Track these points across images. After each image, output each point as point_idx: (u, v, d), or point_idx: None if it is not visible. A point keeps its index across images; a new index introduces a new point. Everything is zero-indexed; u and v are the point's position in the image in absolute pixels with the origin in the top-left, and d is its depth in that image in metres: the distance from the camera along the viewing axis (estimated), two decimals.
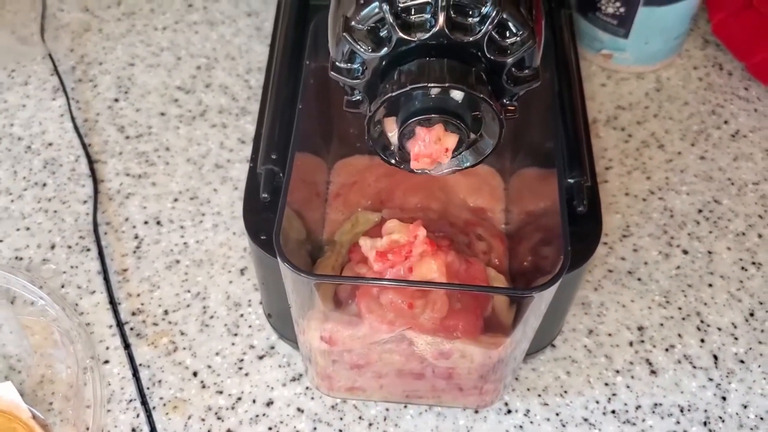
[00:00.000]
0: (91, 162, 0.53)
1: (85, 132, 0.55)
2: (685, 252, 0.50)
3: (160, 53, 0.60)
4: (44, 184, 0.52)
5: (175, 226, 0.50)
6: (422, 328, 0.36)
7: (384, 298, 0.36)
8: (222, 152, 0.54)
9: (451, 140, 0.31)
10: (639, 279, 0.48)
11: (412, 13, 0.29)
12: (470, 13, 0.29)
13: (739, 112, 0.57)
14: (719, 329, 0.47)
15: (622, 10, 0.55)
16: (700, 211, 0.52)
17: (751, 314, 0.47)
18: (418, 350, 0.37)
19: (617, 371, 0.45)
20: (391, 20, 0.29)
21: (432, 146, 0.31)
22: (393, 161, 0.33)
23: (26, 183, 0.53)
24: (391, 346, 0.38)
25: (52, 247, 0.49)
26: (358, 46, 0.30)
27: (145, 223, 0.51)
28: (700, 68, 0.60)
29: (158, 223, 0.51)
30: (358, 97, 0.32)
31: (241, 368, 0.45)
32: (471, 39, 0.29)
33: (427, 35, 0.29)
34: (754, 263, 0.49)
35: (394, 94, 0.29)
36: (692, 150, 0.55)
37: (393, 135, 0.31)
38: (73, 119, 0.55)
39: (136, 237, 0.50)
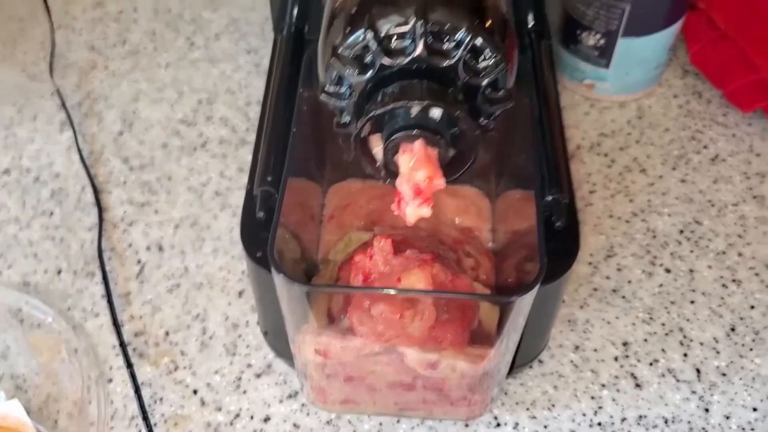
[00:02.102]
0: (96, 192, 0.55)
1: (91, 163, 0.58)
2: (668, 270, 0.52)
3: (163, 89, 0.63)
4: (51, 213, 0.55)
5: (176, 251, 0.53)
6: (411, 338, 0.38)
7: (375, 310, 0.38)
8: (222, 181, 0.56)
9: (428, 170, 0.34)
10: (623, 297, 0.50)
11: (394, 40, 0.32)
12: (446, 39, 0.31)
13: (718, 138, 0.59)
14: (701, 344, 0.48)
15: (602, 41, 0.57)
16: (681, 231, 0.54)
17: (732, 329, 0.49)
18: (408, 361, 0.39)
19: (603, 385, 0.46)
20: (375, 47, 0.31)
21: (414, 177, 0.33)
22: (378, 174, 0.35)
23: (34, 212, 0.55)
24: (383, 358, 0.40)
25: (59, 272, 0.52)
26: (346, 71, 0.32)
27: (148, 248, 0.53)
28: (679, 96, 0.62)
29: (160, 248, 0.53)
30: (346, 119, 0.34)
31: (239, 386, 0.46)
32: (447, 63, 0.31)
33: (408, 60, 0.31)
34: (734, 280, 0.51)
35: (378, 111, 0.31)
36: (673, 174, 0.57)
37: (378, 150, 0.34)
38: (79, 151, 0.58)
39: (139, 262, 0.52)
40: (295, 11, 0.50)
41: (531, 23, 0.50)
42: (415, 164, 0.33)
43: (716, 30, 0.60)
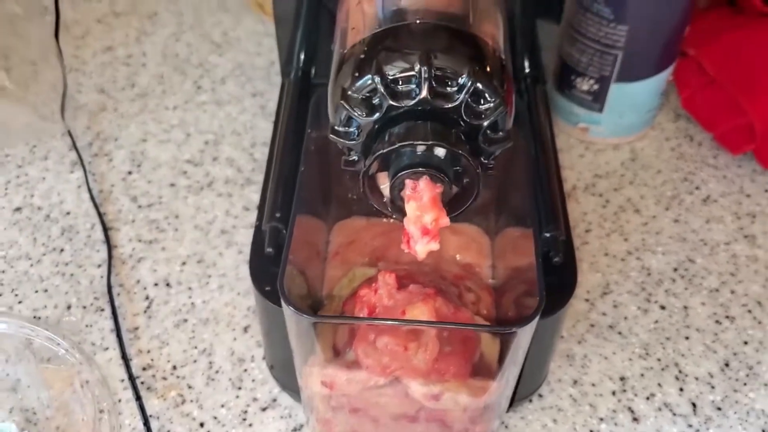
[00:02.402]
0: (105, 229, 0.57)
1: (101, 202, 0.59)
2: (663, 307, 0.53)
3: (171, 130, 0.65)
4: (62, 250, 0.56)
5: (183, 287, 0.54)
6: (415, 371, 0.39)
7: (380, 342, 0.39)
8: (227, 219, 0.58)
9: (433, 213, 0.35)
10: (620, 333, 0.52)
11: (400, 83, 0.33)
12: (449, 83, 0.33)
13: (710, 179, 0.61)
14: (696, 378, 0.49)
15: (595, 87, 0.60)
16: (675, 269, 0.55)
17: (726, 364, 0.50)
18: (412, 393, 0.40)
19: (601, 419, 0.48)
20: (382, 90, 0.33)
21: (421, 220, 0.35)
22: (385, 210, 0.37)
23: (45, 249, 0.56)
24: (388, 390, 0.41)
25: (69, 307, 0.53)
26: (354, 112, 0.34)
27: (156, 285, 0.54)
28: (672, 139, 0.64)
29: (168, 285, 0.54)
30: (354, 158, 0.36)
31: (245, 419, 0.47)
32: (450, 105, 0.33)
33: (413, 102, 0.33)
34: (727, 317, 0.53)
35: (385, 150, 0.33)
36: (666, 214, 0.59)
37: (385, 187, 0.35)
38: (89, 190, 0.59)
39: (147, 298, 0.53)
40: (302, 56, 0.52)
41: (527, 69, 0.52)
42: (422, 208, 0.35)
43: (705, 76, 0.62)
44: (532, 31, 0.53)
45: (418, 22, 0.35)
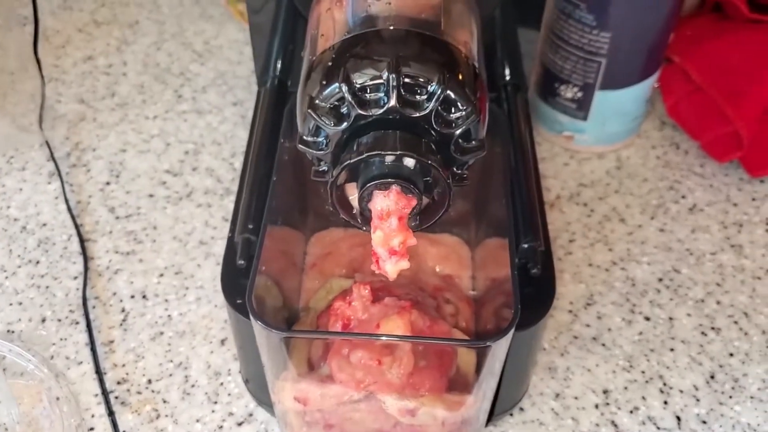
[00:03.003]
0: (82, 241, 0.56)
1: (78, 213, 0.58)
2: (647, 318, 0.52)
3: (150, 140, 0.64)
4: (37, 262, 0.55)
5: (160, 299, 0.53)
6: (390, 385, 0.38)
7: (353, 357, 0.38)
8: (206, 230, 0.57)
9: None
10: (603, 344, 0.51)
11: (368, 92, 0.33)
12: (418, 91, 0.32)
13: (696, 188, 0.61)
14: (681, 391, 0.49)
15: (579, 94, 0.59)
16: (660, 279, 0.54)
17: (712, 377, 0.49)
18: (386, 407, 0.39)
19: None
20: (350, 98, 0.32)
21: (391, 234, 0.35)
22: (353, 222, 0.36)
23: (20, 260, 0.55)
24: (363, 405, 0.40)
25: (43, 320, 0.52)
26: (322, 122, 0.33)
27: (132, 297, 0.53)
28: (657, 147, 0.64)
29: (144, 297, 0.53)
30: (323, 168, 0.35)
31: None
32: (420, 114, 0.32)
33: (382, 111, 0.32)
34: (713, 328, 0.52)
35: (353, 161, 0.32)
36: (652, 223, 0.58)
37: (354, 198, 0.34)
38: (66, 201, 0.59)
39: (123, 310, 0.52)
40: (279, 64, 0.52)
41: (507, 77, 0.52)
42: (388, 235, 0.35)
43: (691, 83, 0.62)
44: (512, 38, 0.52)
45: (388, 28, 0.34)
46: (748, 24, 0.61)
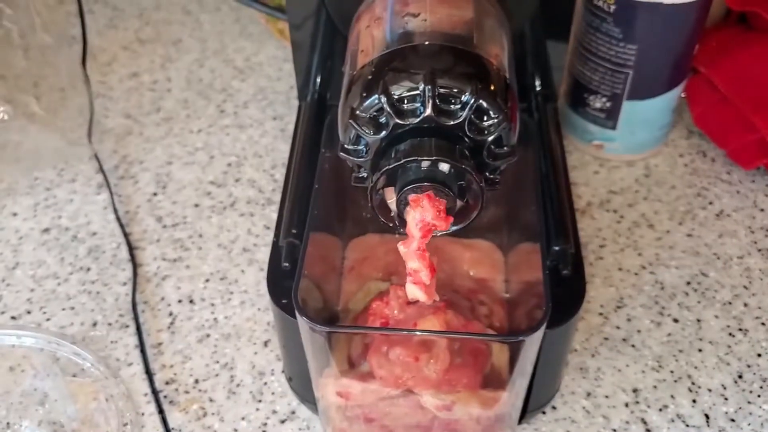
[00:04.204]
0: (131, 248, 0.59)
1: (126, 222, 0.61)
2: (676, 320, 0.54)
3: (195, 152, 0.67)
4: (88, 269, 0.58)
5: (206, 303, 0.56)
6: (427, 381, 0.40)
7: (392, 354, 0.40)
8: (249, 238, 0.60)
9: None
10: (633, 345, 0.52)
11: (405, 102, 0.35)
12: (453, 101, 0.35)
13: (723, 194, 0.62)
14: (710, 390, 0.50)
15: (608, 104, 0.61)
16: (688, 283, 0.56)
17: (740, 376, 0.50)
18: (424, 403, 0.41)
19: (614, 430, 0.48)
20: (388, 109, 0.35)
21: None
22: (391, 224, 0.39)
23: (72, 268, 0.58)
24: (401, 401, 0.42)
25: (94, 324, 0.55)
26: (362, 131, 0.36)
27: (179, 301, 0.56)
28: (685, 155, 0.65)
29: (191, 301, 0.56)
30: (363, 174, 0.37)
31: (264, 431, 0.49)
32: (454, 122, 0.35)
33: (418, 120, 0.35)
34: (740, 329, 0.53)
35: (391, 166, 0.34)
36: (680, 228, 0.59)
37: (392, 202, 0.37)
38: (115, 211, 0.62)
39: (171, 314, 0.55)
40: (318, 80, 0.54)
41: (538, 87, 0.54)
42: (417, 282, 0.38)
43: (717, 93, 0.63)
44: (542, 51, 0.54)
45: (424, 43, 0.37)
46: None
